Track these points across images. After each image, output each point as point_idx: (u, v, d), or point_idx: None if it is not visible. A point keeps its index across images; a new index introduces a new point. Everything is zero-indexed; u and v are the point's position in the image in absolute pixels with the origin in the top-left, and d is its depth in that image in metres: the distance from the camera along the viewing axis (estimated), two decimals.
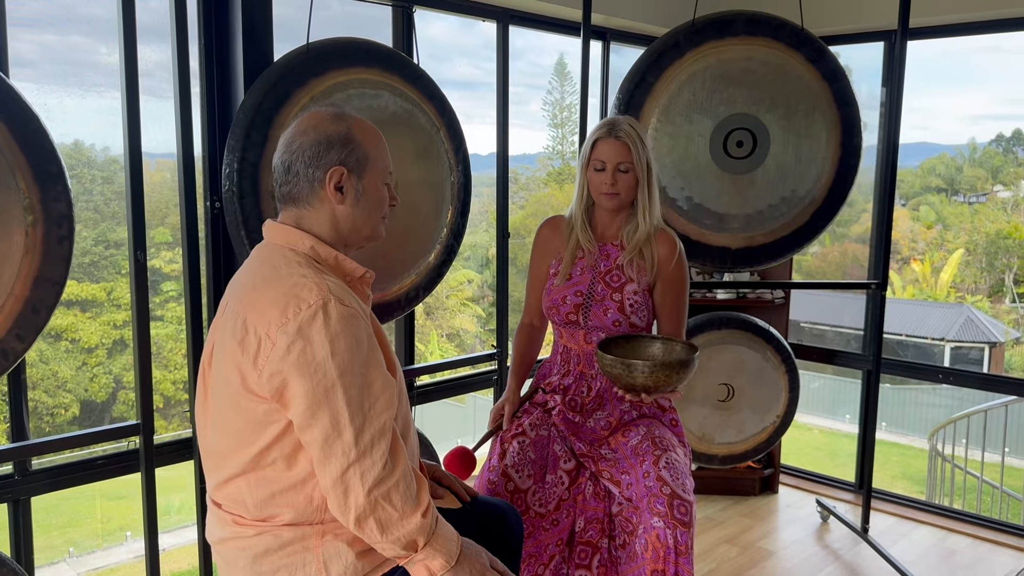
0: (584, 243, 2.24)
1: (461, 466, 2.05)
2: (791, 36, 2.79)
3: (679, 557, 1.91)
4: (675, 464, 2.03)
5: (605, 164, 2.15)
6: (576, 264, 2.24)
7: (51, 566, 9.22)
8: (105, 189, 12.69)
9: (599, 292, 2.21)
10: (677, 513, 1.92)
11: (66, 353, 12.35)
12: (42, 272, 1.82)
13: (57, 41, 12.75)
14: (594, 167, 2.18)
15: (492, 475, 2.08)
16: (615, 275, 2.21)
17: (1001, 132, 25.15)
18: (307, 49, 2.17)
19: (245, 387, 1.37)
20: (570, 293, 2.21)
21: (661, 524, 1.91)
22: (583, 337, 2.22)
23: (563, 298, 2.21)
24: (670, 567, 1.91)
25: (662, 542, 1.91)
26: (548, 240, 2.31)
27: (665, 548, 1.91)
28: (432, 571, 1.42)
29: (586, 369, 2.23)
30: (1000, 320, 18.59)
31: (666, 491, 1.95)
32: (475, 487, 2.00)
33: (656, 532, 1.92)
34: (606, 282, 2.22)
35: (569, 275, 2.23)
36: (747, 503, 3.67)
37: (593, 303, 2.20)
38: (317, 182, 1.45)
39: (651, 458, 2.03)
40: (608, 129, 2.16)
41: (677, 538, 1.91)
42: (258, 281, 1.41)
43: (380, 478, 1.35)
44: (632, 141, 2.14)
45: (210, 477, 1.50)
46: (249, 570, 1.45)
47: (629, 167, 2.15)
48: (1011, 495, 5.28)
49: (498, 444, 2.14)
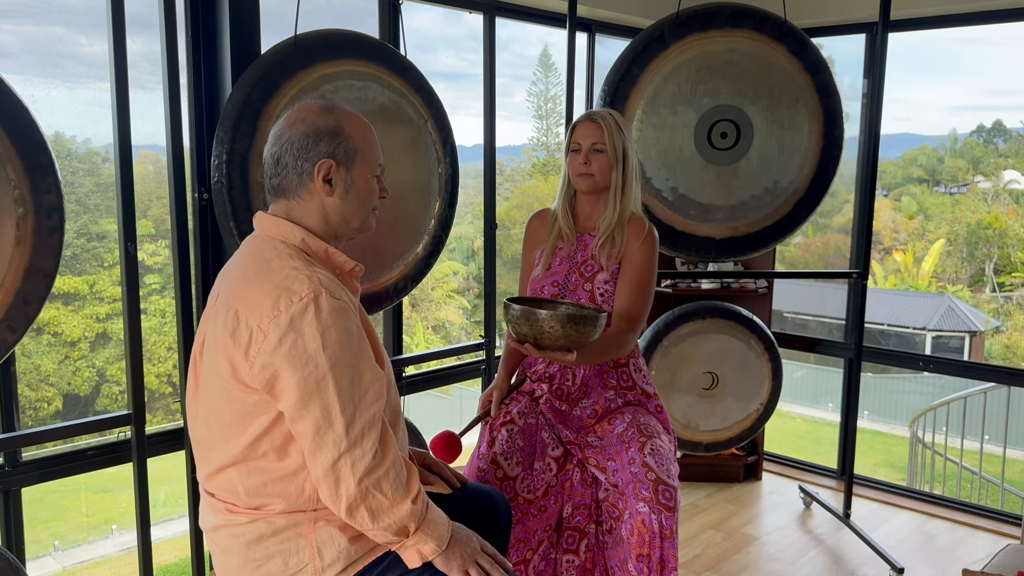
0: (565, 232, 2.27)
1: (447, 450, 2.07)
2: (774, 28, 2.83)
3: (664, 541, 1.95)
4: (660, 450, 2.06)
5: (580, 145, 2.21)
6: (556, 254, 2.28)
7: (37, 560, 9.19)
8: (87, 181, 12.59)
9: (573, 282, 2.24)
10: (662, 498, 1.96)
11: (48, 347, 12.26)
12: (33, 263, 1.82)
13: (38, 32, 12.62)
14: (572, 148, 2.24)
15: (482, 463, 2.11)
16: (588, 265, 2.25)
17: (982, 123, 25.35)
18: (295, 41, 2.18)
19: (236, 378, 1.39)
20: (548, 283, 2.25)
21: (647, 509, 1.95)
22: None
23: (541, 288, 2.26)
24: (655, 551, 1.95)
25: (647, 527, 1.95)
26: (535, 231, 2.35)
27: (651, 533, 1.95)
28: (424, 555, 1.45)
29: None
30: (980, 309, 18.80)
31: (651, 477, 1.99)
32: (465, 474, 2.03)
33: (642, 517, 1.95)
34: (580, 272, 2.25)
35: (549, 265, 2.27)
36: (731, 490, 3.72)
37: (567, 293, 2.23)
38: (306, 174, 1.47)
39: (636, 445, 2.07)
40: (587, 115, 2.24)
41: (662, 523, 1.94)
42: (249, 273, 1.43)
43: (370, 467, 1.38)
44: (607, 124, 2.19)
45: (201, 467, 1.52)
46: (243, 556, 1.47)
47: (603, 148, 2.19)
48: (990, 480, 5.37)
49: (487, 432, 2.16)
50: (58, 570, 9.20)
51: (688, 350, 3.26)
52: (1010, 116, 23.94)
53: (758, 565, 3.02)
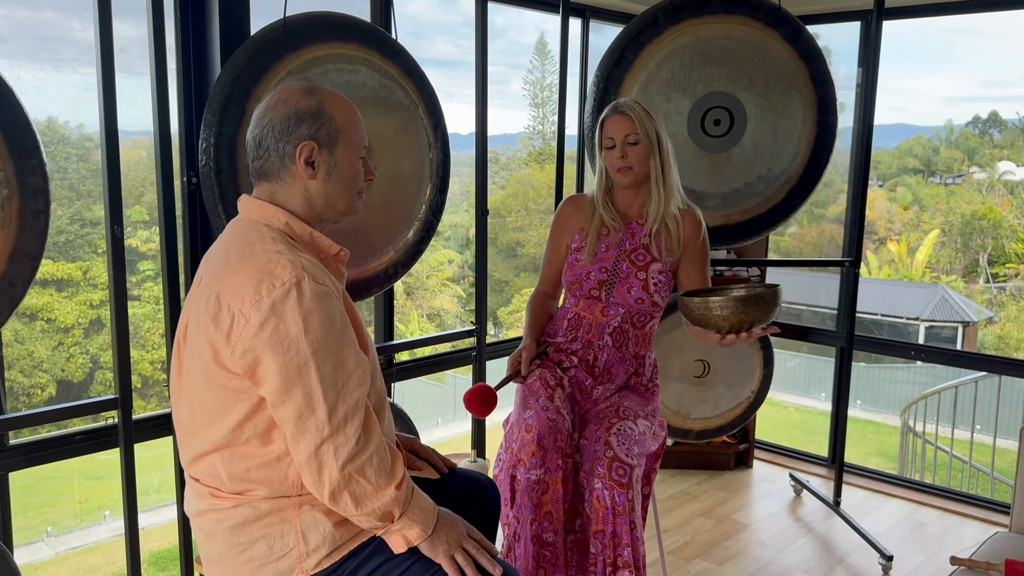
0: (608, 221, 2.28)
1: (481, 403, 2.08)
2: (769, 15, 2.81)
3: (616, 517, 1.99)
4: (626, 431, 2.10)
5: (613, 140, 2.22)
6: (601, 241, 2.28)
7: (29, 545, 9.19)
8: (80, 167, 12.53)
9: (624, 270, 2.25)
10: (615, 475, 2.00)
11: (42, 333, 12.23)
12: (18, 246, 1.80)
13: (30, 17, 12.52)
14: (605, 146, 2.24)
15: (550, 413, 2.07)
16: (640, 254, 2.26)
17: (978, 114, 25.38)
18: (284, 23, 2.16)
19: (217, 362, 1.37)
20: (595, 269, 2.26)
21: (600, 485, 2.00)
22: (601, 311, 2.26)
23: (587, 274, 2.26)
24: (608, 527, 2.00)
25: (601, 502, 2.00)
26: (570, 217, 2.36)
27: (604, 508, 1.99)
28: (409, 540, 1.44)
29: (595, 339, 2.27)
30: (974, 300, 18.86)
31: (608, 455, 2.03)
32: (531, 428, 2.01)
33: (596, 493, 2.01)
34: (631, 260, 2.26)
35: (595, 252, 2.27)
36: (722, 477, 3.72)
37: (617, 280, 2.25)
38: (288, 157, 1.45)
39: (606, 424, 2.11)
40: (612, 107, 2.25)
41: (615, 498, 1.98)
42: (232, 256, 1.41)
43: (353, 453, 1.37)
44: (635, 113, 2.21)
45: (184, 452, 1.51)
46: (227, 541, 1.46)
47: (637, 138, 2.20)
48: (980, 469, 5.39)
49: (541, 388, 2.14)
50: (51, 556, 9.21)
51: (680, 337, 3.25)
52: (1006, 107, 23.97)
53: (748, 552, 3.03)
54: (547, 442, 2.02)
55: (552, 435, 2.03)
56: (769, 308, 1.95)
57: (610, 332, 2.25)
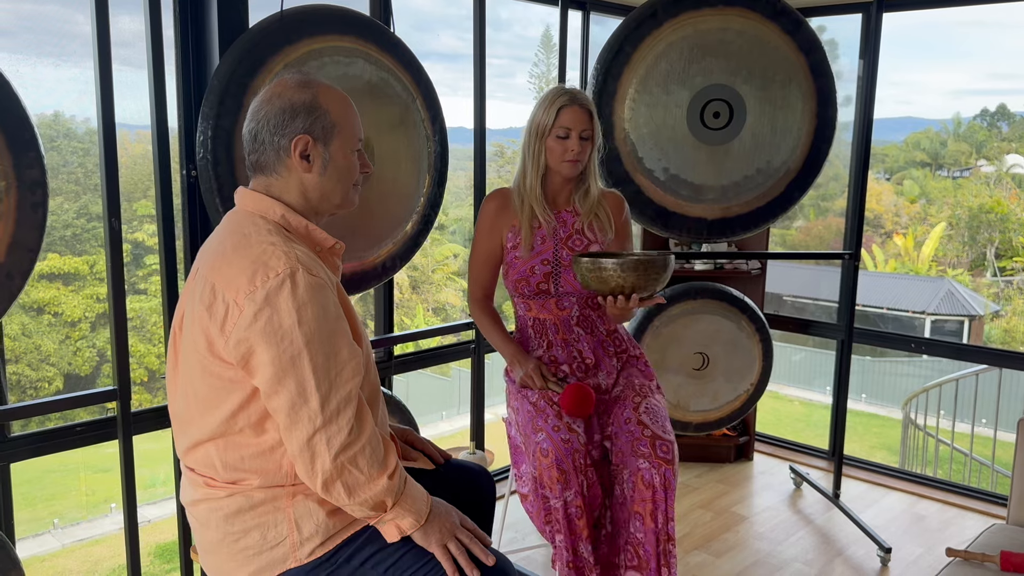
0: (539, 213, 2.27)
1: (579, 403, 2.07)
2: (768, 7, 2.80)
3: (667, 492, 2.00)
4: (654, 408, 2.13)
5: (570, 131, 2.19)
6: (535, 234, 2.27)
7: (36, 537, 9.26)
8: (86, 161, 12.57)
9: (564, 257, 2.26)
10: (660, 452, 2.01)
11: (49, 327, 12.29)
12: (16, 238, 1.82)
13: (33, 10, 12.54)
14: (557, 134, 2.20)
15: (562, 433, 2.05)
16: (576, 239, 2.27)
17: (986, 107, 25.24)
18: (281, 16, 2.16)
19: (211, 352, 1.39)
20: (537, 263, 2.25)
21: (647, 465, 2.00)
22: (555, 304, 2.27)
23: (531, 268, 2.25)
24: (660, 505, 2.00)
25: (647, 482, 2.00)
26: (498, 214, 2.32)
27: (651, 488, 2.00)
28: (402, 529, 1.45)
29: (567, 335, 2.27)
30: (980, 294, 18.79)
31: (647, 433, 2.04)
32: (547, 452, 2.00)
33: (641, 473, 2.01)
34: (569, 247, 2.27)
35: (531, 245, 2.26)
36: (722, 470, 3.73)
37: (562, 269, 2.25)
38: (283, 150, 1.46)
39: (631, 405, 2.13)
40: (571, 97, 2.20)
41: (664, 475, 2.00)
42: (227, 247, 1.42)
43: (346, 443, 1.38)
44: (592, 109, 2.22)
45: (179, 441, 1.53)
46: (221, 530, 1.47)
47: (590, 135, 2.21)
48: (981, 462, 5.38)
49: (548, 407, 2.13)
50: (57, 548, 9.27)
51: (679, 330, 3.25)
52: (1014, 100, 23.85)
53: (747, 544, 3.04)
54: (566, 465, 1.99)
55: (569, 456, 2.00)
56: (655, 274, 2.00)
57: (575, 323, 2.27)
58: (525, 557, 2.89)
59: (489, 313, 2.40)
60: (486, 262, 2.36)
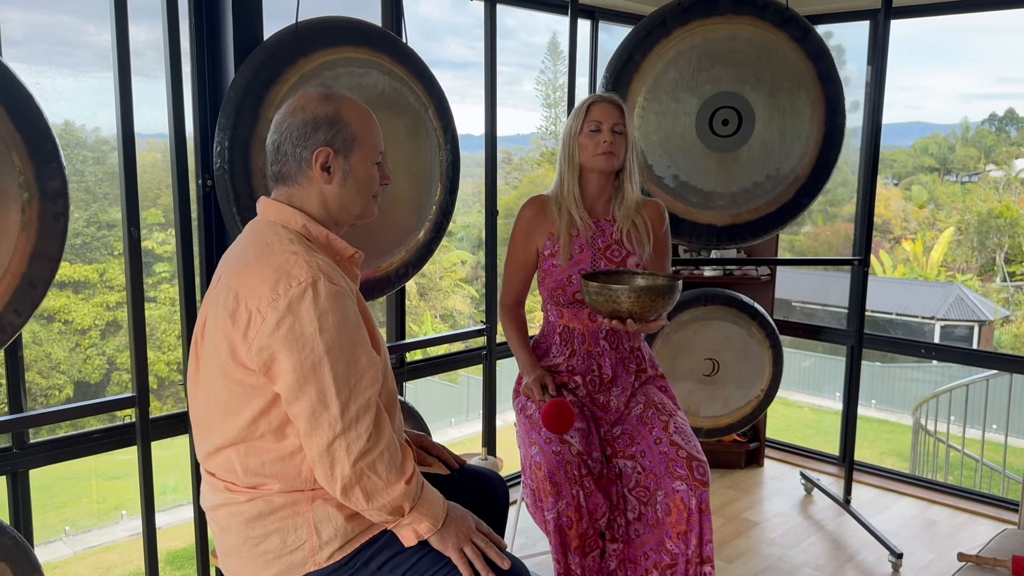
0: (578, 219, 2.25)
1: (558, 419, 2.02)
2: (776, 15, 2.83)
3: (702, 516, 1.98)
4: (683, 428, 2.11)
5: (601, 125, 2.20)
6: (573, 242, 2.25)
7: (47, 544, 9.30)
8: (96, 170, 12.66)
9: (602, 268, 2.24)
10: (696, 474, 1.99)
11: (59, 335, 12.36)
12: (38, 248, 1.85)
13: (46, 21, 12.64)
14: (589, 128, 2.21)
15: (553, 446, 2.05)
16: (615, 250, 2.26)
17: (994, 111, 25.18)
18: (296, 28, 2.19)
19: (234, 358, 1.42)
20: (574, 272, 2.23)
21: (684, 487, 1.98)
22: (587, 315, 2.25)
23: (568, 277, 2.23)
24: (694, 527, 1.98)
25: (685, 503, 1.98)
26: (535, 221, 2.30)
27: (688, 510, 1.98)
28: (419, 533, 1.47)
29: (592, 348, 2.26)
30: (990, 299, 18.71)
31: (682, 454, 2.02)
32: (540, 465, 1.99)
33: (680, 495, 1.98)
34: (607, 258, 2.26)
35: (570, 254, 2.24)
36: (733, 476, 3.74)
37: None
38: (304, 162, 1.49)
39: (659, 425, 2.10)
40: (601, 96, 2.24)
41: (700, 498, 1.98)
42: (250, 256, 1.45)
43: (365, 449, 1.40)
44: (624, 106, 2.23)
45: (200, 446, 1.55)
46: (242, 534, 1.50)
47: (623, 129, 2.21)
48: (991, 467, 5.37)
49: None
50: (69, 555, 9.31)
51: (689, 337, 3.27)
52: (1022, 104, 23.73)
53: (758, 550, 3.05)
54: (558, 477, 2.00)
55: (561, 468, 2.00)
56: (665, 300, 2.01)
57: (604, 336, 2.25)
58: (537, 562, 2.91)
59: (517, 319, 2.37)
60: (520, 269, 2.34)
